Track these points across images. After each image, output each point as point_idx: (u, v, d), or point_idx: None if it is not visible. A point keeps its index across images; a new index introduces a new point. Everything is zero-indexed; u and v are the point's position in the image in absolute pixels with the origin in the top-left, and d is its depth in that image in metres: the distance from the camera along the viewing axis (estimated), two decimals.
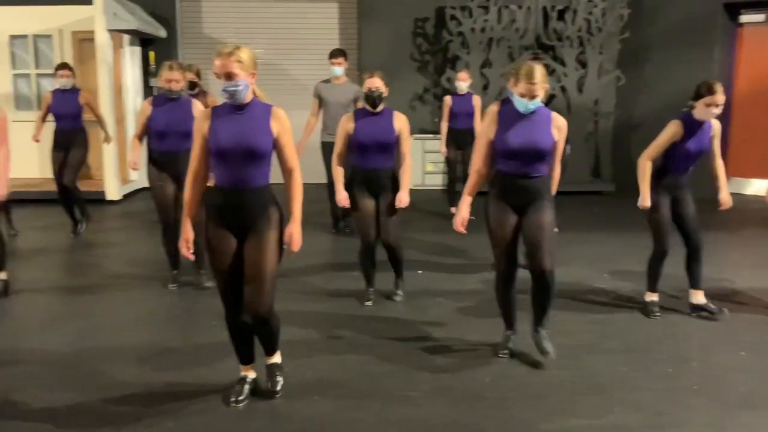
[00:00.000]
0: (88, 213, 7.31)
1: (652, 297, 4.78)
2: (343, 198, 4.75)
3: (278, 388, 3.48)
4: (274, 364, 3.56)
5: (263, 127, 3.15)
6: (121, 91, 9.52)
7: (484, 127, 3.85)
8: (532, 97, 3.63)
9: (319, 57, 9.59)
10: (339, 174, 4.80)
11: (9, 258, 5.34)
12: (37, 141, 6.98)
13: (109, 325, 4.60)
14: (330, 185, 6.88)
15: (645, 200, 4.50)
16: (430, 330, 4.46)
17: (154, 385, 3.63)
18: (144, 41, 10.02)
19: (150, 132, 5.11)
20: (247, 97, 3.14)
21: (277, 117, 3.18)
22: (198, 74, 6.53)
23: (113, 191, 8.95)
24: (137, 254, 6.45)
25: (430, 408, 3.41)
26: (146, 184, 9.91)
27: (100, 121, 7.21)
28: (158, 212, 5.25)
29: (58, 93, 6.79)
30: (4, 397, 3.45)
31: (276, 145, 3.20)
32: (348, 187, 4.79)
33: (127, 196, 9.38)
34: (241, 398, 3.41)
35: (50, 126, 7.02)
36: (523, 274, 3.98)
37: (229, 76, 3.04)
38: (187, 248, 3.31)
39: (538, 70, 3.61)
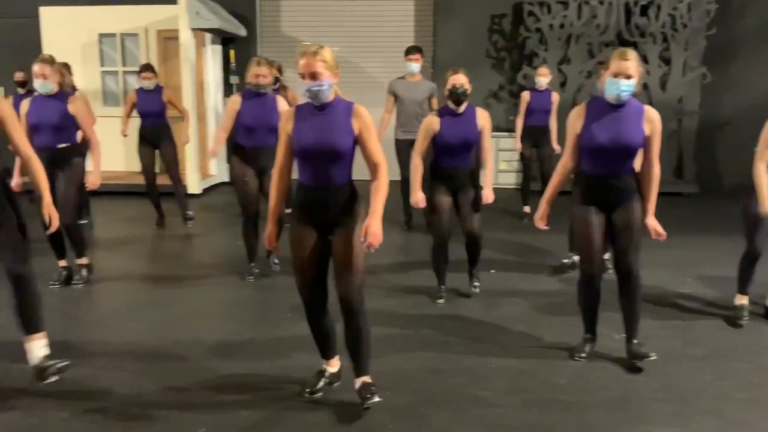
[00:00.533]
0: (185, 206, 7.42)
1: (742, 300, 4.57)
2: (420, 199, 4.70)
3: (376, 399, 3.27)
4: (366, 383, 3.33)
5: (344, 125, 3.16)
6: (202, 88, 9.81)
7: (571, 120, 3.74)
8: (627, 76, 3.51)
9: (394, 54, 9.61)
10: (418, 173, 4.74)
11: (93, 247, 5.58)
12: (125, 136, 7.25)
13: (190, 315, 4.76)
14: (403, 182, 6.90)
15: (765, 206, 4.13)
16: (503, 329, 4.41)
17: (230, 374, 3.73)
18: (225, 40, 10.28)
19: (237, 126, 5.23)
20: (330, 97, 3.17)
21: (358, 114, 3.19)
22: (279, 70, 6.65)
23: (194, 185, 9.23)
24: (216, 246, 6.64)
25: (503, 409, 3.37)
26: (225, 179, 10.28)
27: (183, 116, 7.45)
28: (241, 205, 5.36)
29: (141, 91, 7.04)
30: (92, 383, 3.61)
31: (358, 142, 3.20)
32: (426, 185, 4.76)
33: (206, 190, 9.66)
34: (316, 389, 3.45)
35: (134, 122, 7.27)
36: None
37: (313, 76, 3.07)
38: (271, 242, 3.37)
39: (632, 51, 3.52)
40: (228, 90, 10.39)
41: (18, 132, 3.40)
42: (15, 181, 4.88)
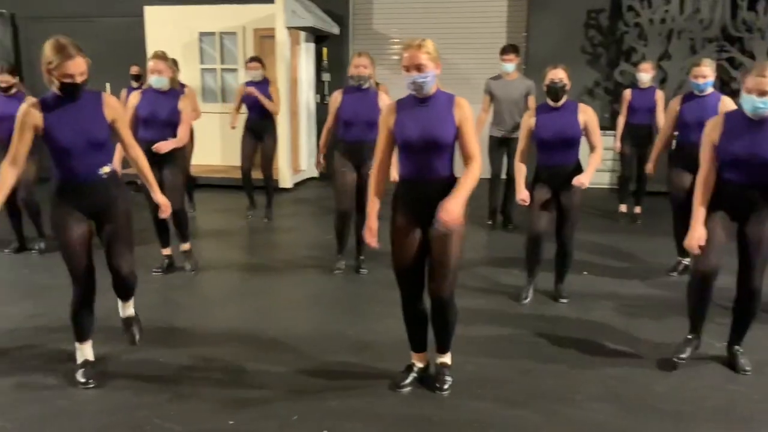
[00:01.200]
0: (272, 201, 7.64)
1: None
2: (525, 196, 4.63)
3: (446, 387, 3.47)
4: (445, 364, 3.56)
5: (447, 117, 3.17)
6: (296, 85, 10.03)
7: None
8: (761, 93, 3.35)
9: (487, 50, 9.54)
10: (521, 173, 4.69)
11: (194, 237, 5.81)
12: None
13: (283, 304, 4.89)
14: (493, 179, 6.86)
15: None
16: (595, 332, 4.30)
17: (321, 362, 3.81)
18: (318, 38, 10.47)
19: (338, 120, 5.32)
20: (432, 89, 3.18)
21: (460, 106, 3.20)
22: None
23: (286, 180, 9.46)
24: (307, 239, 6.78)
25: (596, 414, 3.29)
26: (315, 174, 10.48)
27: (272, 112, 7.62)
28: (336, 198, 5.42)
29: (250, 84, 7.25)
30: (194, 365, 3.78)
31: (458, 133, 3.21)
32: (529, 184, 4.70)
33: (297, 185, 9.88)
34: (405, 383, 3.48)
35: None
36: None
37: (418, 68, 3.10)
38: (371, 236, 3.41)
39: None
40: (320, 88, 10.59)
41: (127, 127, 3.55)
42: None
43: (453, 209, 3.00)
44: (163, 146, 5.04)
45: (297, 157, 10.26)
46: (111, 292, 3.69)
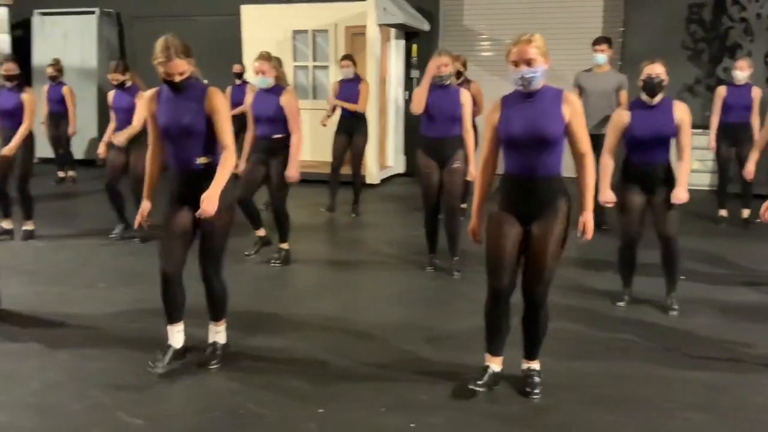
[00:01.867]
0: (359, 197, 7.77)
1: None
2: (609, 197, 4.50)
3: (537, 390, 3.38)
4: (533, 370, 3.47)
5: (555, 113, 3.13)
6: (385, 82, 10.11)
7: None
8: None
9: (581, 46, 9.29)
10: (607, 172, 4.55)
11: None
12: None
13: (370, 299, 4.96)
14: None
15: None
16: (692, 339, 4.13)
17: (409, 358, 3.83)
18: (408, 34, 10.51)
19: (422, 117, 5.32)
20: (540, 84, 3.15)
21: (569, 101, 3.16)
22: (464, 64, 6.69)
23: (373, 175, 9.55)
24: (393, 235, 6.84)
25: (691, 423, 3.16)
26: (402, 170, 10.54)
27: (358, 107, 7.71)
28: (423, 197, 5.42)
29: (343, 82, 7.38)
30: (287, 355, 3.89)
31: (567, 130, 3.16)
32: (617, 184, 4.56)
33: (384, 181, 9.96)
34: (481, 383, 3.42)
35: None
36: None
37: (528, 63, 3.08)
38: (474, 236, 3.43)
39: None
40: (408, 84, 10.62)
41: (226, 124, 3.58)
42: (240, 167, 5.39)
43: (592, 226, 3.24)
44: (293, 174, 5.35)
45: (384, 153, 10.34)
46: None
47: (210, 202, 3.35)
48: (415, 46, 10.51)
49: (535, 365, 3.47)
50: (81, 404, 3.27)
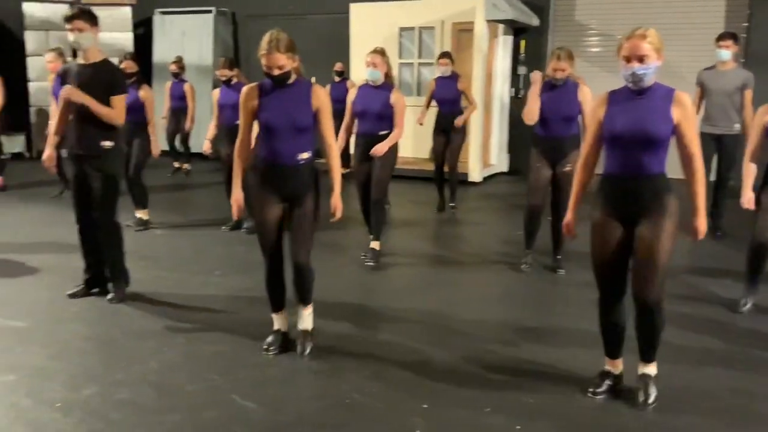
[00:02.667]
0: (455, 193, 7.78)
1: None
2: (750, 199, 4.31)
3: (651, 400, 3.26)
4: (648, 375, 3.34)
5: (663, 112, 3.01)
6: (490, 78, 10.00)
7: None
8: None
9: (701, 43, 8.85)
10: (749, 175, 4.35)
11: (388, 227, 6.03)
12: (420, 124, 7.67)
13: (471, 297, 4.93)
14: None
15: None
16: None
17: (509, 358, 3.78)
18: (516, 30, 10.35)
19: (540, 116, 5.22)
20: (651, 81, 3.03)
21: (680, 103, 3.02)
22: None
23: (476, 173, 9.48)
24: (495, 234, 6.76)
25: None
26: (505, 169, 10.41)
27: (470, 107, 7.69)
28: (529, 194, 5.33)
29: (440, 79, 7.38)
30: (390, 349, 3.93)
31: (676, 132, 3.04)
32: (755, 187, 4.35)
33: (486, 179, 9.87)
34: (599, 390, 3.35)
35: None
36: None
37: (640, 59, 2.97)
38: (568, 230, 3.40)
39: None
40: (515, 81, 10.46)
41: (331, 121, 3.69)
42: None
43: (704, 229, 3.21)
44: (380, 149, 5.33)
45: (488, 150, 10.24)
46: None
47: (338, 205, 3.74)
48: (523, 42, 10.33)
49: (650, 370, 3.34)
50: (197, 385, 3.44)
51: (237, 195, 3.71)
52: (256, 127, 3.67)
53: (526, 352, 3.87)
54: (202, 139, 11.91)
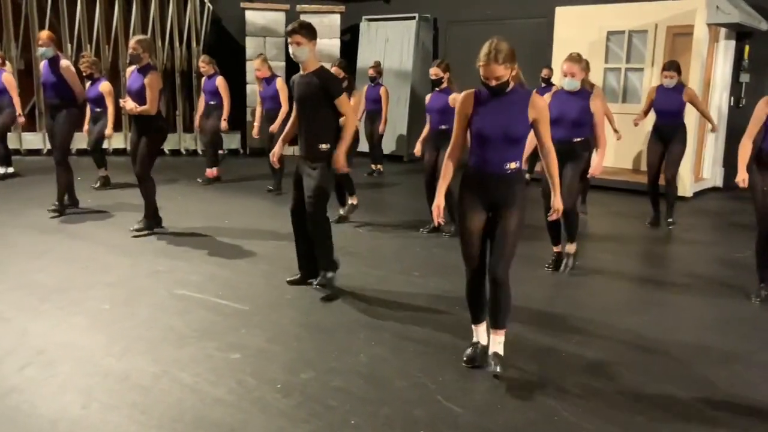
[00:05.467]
0: (672, 208, 7.23)
1: None
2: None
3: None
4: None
5: None
6: (708, 86, 9.26)
7: None
8: None
9: None
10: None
11: (585, 239, 5.75)
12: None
13: (688, 323, 4.54)
14: None
15: None
16: None
17: (739, 398, 3.43)
18: (739, 35, 9.48)
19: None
20: None
21: None
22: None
23: (686, 187, 8.81)
24: (711, 254, 6.22)
25: None
26: (718, 184, 9.59)
27: (704, 116, 7.23)
28: (757, 217, 4.83)
29: (661, 88, 6.92)
30: (599, 367, 3.75)
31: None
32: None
33: (697, 194, 9.14)
34: None
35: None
36: None
37: None
38: None
39: None
40: (735, 89, 9.59)
41: (547, 130, 3.56)
42: None
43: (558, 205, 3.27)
44: (596, 170, 5.46)
45: (700, 163, 9.50)
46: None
47: (560, 208, 3.71)
48: (747, 48, 9.44)
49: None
50: (405, 382, 3.49)
51: (439, 200, 3.67)
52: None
53: (761, 393, 3.49)
54: (395, 141, 12.37)
